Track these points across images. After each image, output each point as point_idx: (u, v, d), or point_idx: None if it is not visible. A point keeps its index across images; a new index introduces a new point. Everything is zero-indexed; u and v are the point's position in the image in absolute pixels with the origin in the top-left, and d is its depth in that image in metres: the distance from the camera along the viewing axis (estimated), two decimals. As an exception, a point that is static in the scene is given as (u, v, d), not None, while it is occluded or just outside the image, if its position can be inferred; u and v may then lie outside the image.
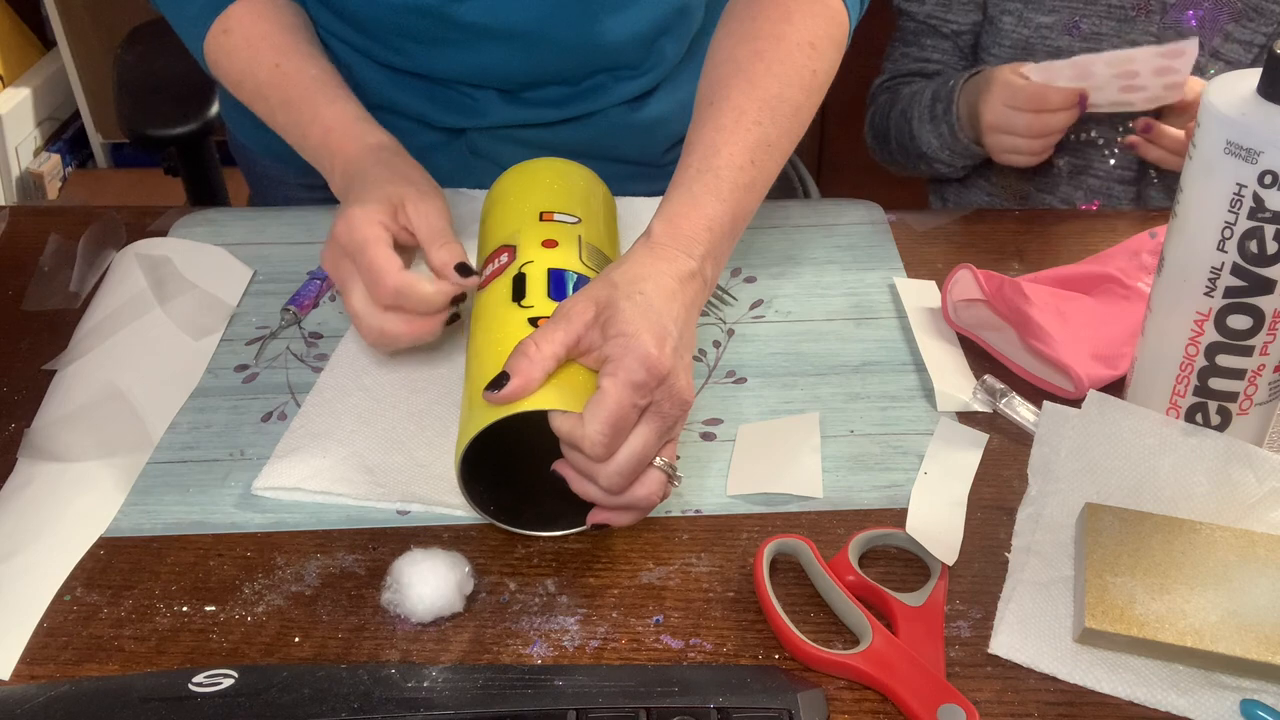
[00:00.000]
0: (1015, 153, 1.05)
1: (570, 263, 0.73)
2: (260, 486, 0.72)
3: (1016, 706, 0.59)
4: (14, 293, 0.90)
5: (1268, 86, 0.61)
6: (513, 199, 0.80)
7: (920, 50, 1.17)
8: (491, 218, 0.80)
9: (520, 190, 0.81)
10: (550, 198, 0.79)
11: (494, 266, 0.74)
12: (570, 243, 0.74)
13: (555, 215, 0.77)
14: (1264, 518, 0.67)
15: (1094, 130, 1.09)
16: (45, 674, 0.62)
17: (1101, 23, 1.06)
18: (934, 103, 1.11)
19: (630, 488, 0.63)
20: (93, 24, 2.28)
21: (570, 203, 0.79)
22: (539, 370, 0.63)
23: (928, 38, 1.16)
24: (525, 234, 0.75)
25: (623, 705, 0.56)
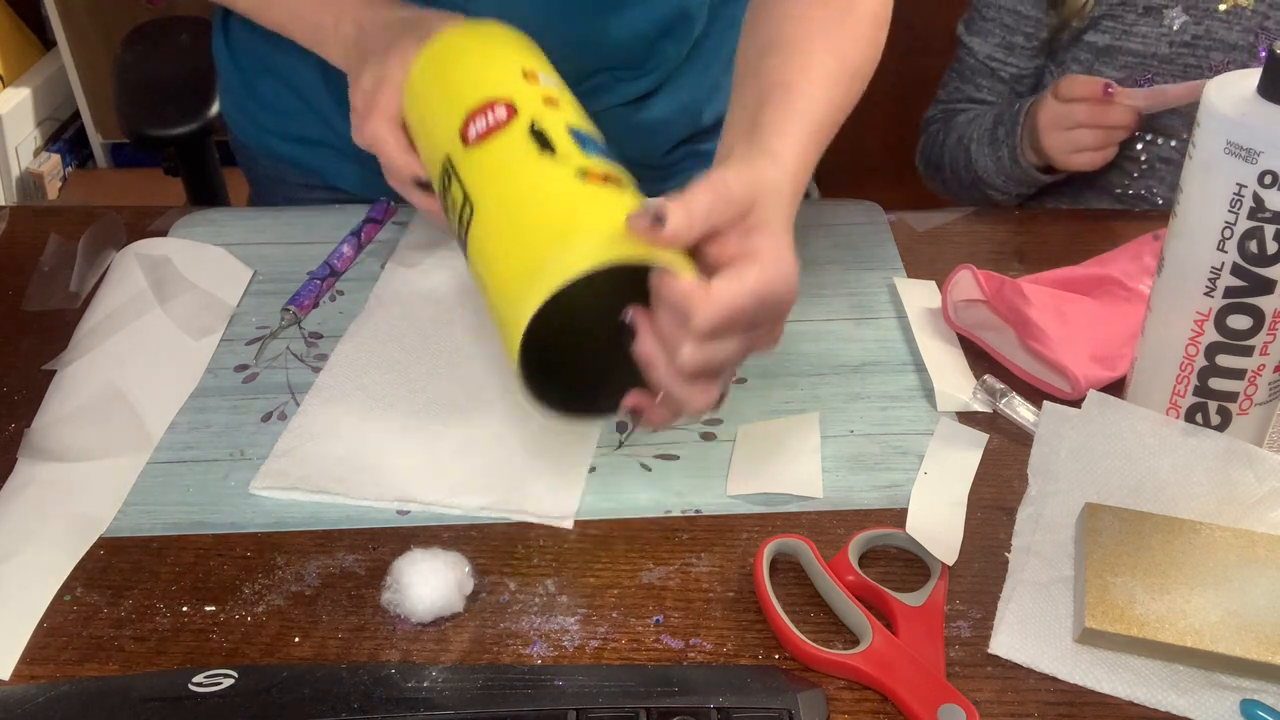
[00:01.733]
0: (1079, 150, 1.01)
1: (584, 125, 0.66)
2: (258, 486, 0.72)
3: (1016, 706, 0.59)
4: (14, 293, 0.90)
5: (1268, 86, 0.61)
6: (480, 56, 0.71)
7: (976, 90, 1.14)
8: (456, 72, 0.70)
9: (488, 47, 0.72)
10: (527, 58, 0.71)
11: (488, 121, 0.65)
12: (569, 104, 0.68)
13: (539, 76, 0.69)
14: (1264, 518, 0.67)
15: (1154, 188, 1.06)
16: (45, 674, 0.62)
17: (1176, 83, 1.01)
18: (995, 126, 1.08)
19: (692, 388, 0.60)
20: (93, 24, 2.28)
21: (545, 65, 0.72)
22: (697, 224, 0.57)
23: (984, 78, 1.13)
24: (519, 91, 0.67)
25: (623, 705, 0.56)
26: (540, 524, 0.69)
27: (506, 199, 0.62)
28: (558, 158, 0.62)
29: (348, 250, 0.91)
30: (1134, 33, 1.03)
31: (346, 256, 0.91)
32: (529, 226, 0.60)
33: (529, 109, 0.65)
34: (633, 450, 0.75)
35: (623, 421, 0.76)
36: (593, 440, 0.75)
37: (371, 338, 0.83)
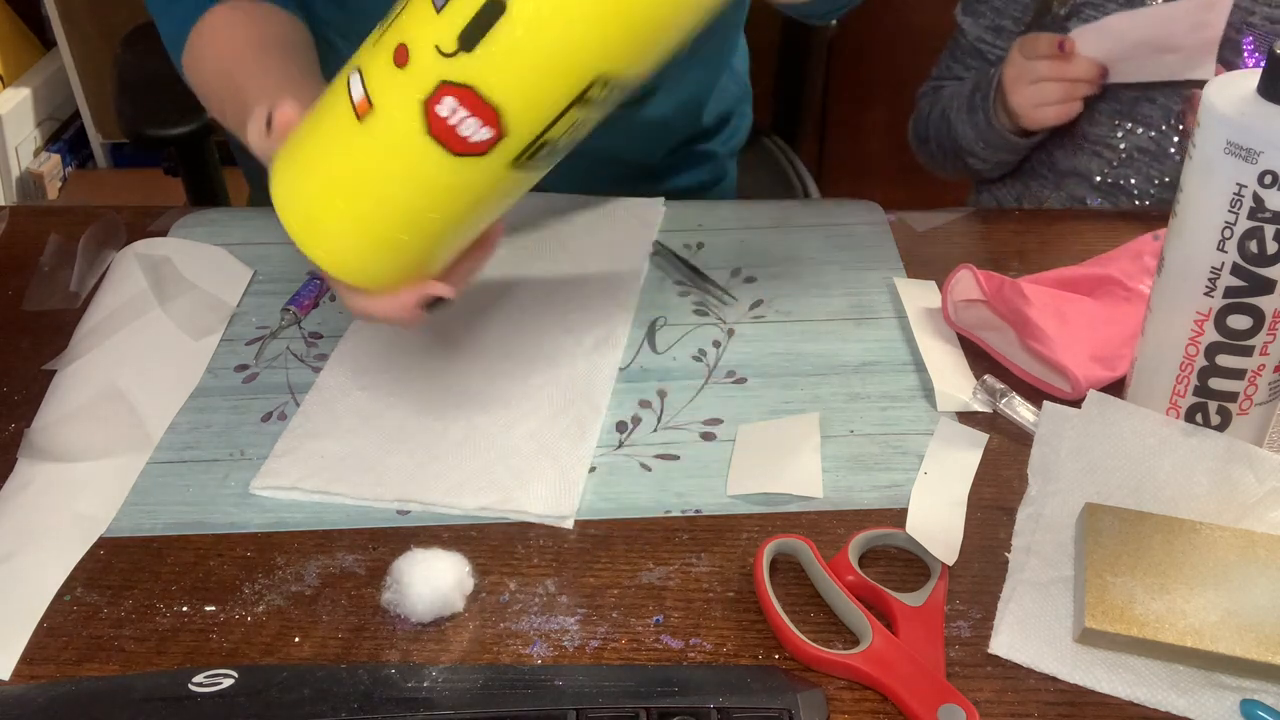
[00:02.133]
0: (1043, 103, 1.02)
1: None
2: (259, 486, 0.72)
3: (1016, 706, 0.59)
4: (14, 293, 0.90)
5: (1268, 86, 0.61)
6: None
7: (964, 69, 1.16)
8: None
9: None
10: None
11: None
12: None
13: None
14: (1264, 518, 0.67)
15: (1131, 178, 1.06)
16: (45, 674, 0.62)
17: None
18: (973, 93, 1.10)
19: None
20: (93, 24, 2.28)
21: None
22: None
23: (972, 58, 1.15)
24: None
25: (623, 705, 0.56)
26: (540, 524, 0.70)
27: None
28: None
29: (348, 250, 0.91)
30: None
31: (346, 256, 0.91)
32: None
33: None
34: (633, 450, 0.75)
35: (623, 421, 0.76)
36: (593, 440, 0.75)
37: (372, 338, 0.83)
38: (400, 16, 0.53)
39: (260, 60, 0.80)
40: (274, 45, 0.82)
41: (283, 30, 0.85)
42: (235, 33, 0.83)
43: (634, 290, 0.88)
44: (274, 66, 0.79)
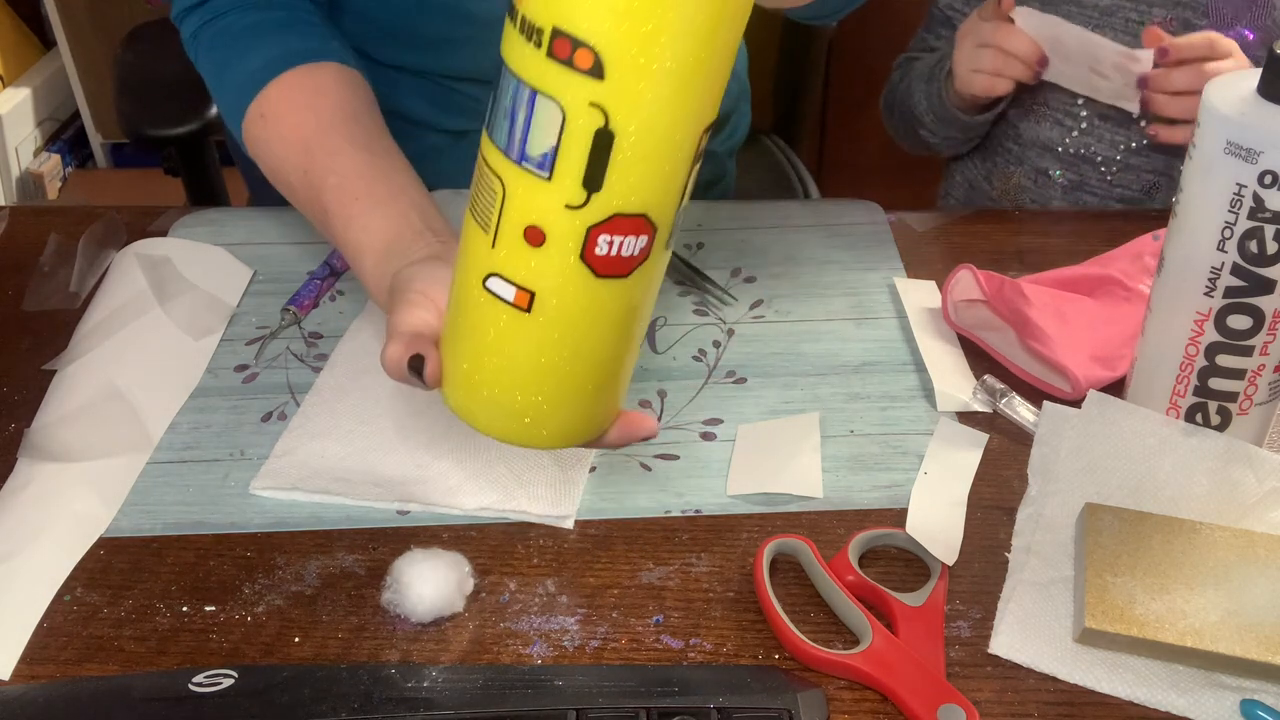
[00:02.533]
0: (977, 68, 1.02)
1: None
2: (259, 487, 0.72)
3: (1016, 706, 0.59)
4: (14, 293, 0.90)
5: (1268, 86, 0.61)
6: None
7: (935, 39, 1.18)
8: None
9: None
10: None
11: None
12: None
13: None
14: (1264, 518, 0.67)
15: (1093, 146, 1.07)
16: (45, 674, 0.62)
17: (1116, 36, 1.01)
18: (936, 65, 1.11)
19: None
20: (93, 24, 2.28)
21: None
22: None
23: (942, 27, 1.17)
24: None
25: (623, 705, 0.56)
26: (540, 524, 0.70)
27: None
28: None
29: (348, 250, 0.91)
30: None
31: (346, 256, 0.91)
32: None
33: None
34: (633, 450, 0.75)
35: None
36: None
37: (372, 338, 0.83)
38: (506, 209, 0.52)
39: (334, 160, 0.75)
40: (342, 129, 0.77)
41: (345, 102, 0.80)
42: (303, 118, 0.78)
43: None
44: (350, 167, 0.75)
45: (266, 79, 0.80)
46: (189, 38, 0.87)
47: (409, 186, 0.74)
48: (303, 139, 0.77)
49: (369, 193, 0.72)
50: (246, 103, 0.80)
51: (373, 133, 0.78)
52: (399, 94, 0.96)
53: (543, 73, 0.48)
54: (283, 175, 0.79)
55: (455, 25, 0.90)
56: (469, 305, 0.55)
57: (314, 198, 0.75)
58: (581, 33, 0.47)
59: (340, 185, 0.73)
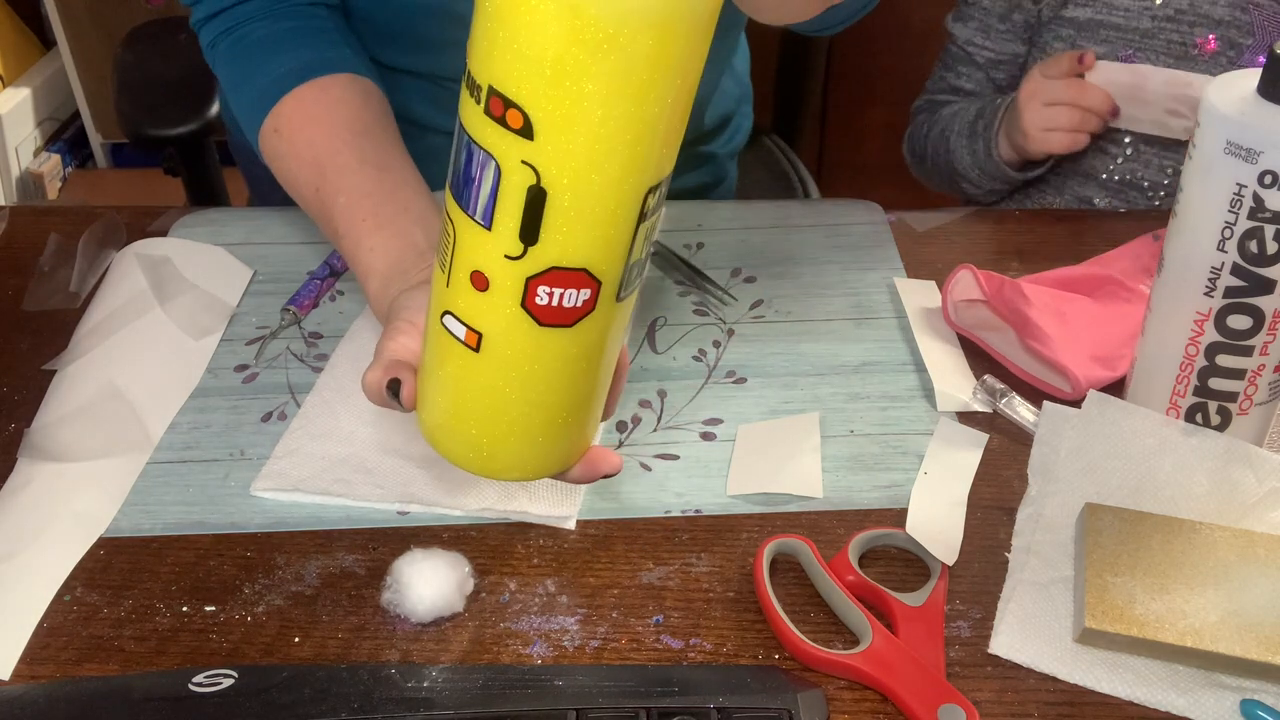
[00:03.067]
0: (1053, 127, 1.01)
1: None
2: (259, 488, 0.72)
3: (1016, 706, 0.59)
4: (14, 293, 0.90)
5: (1268, 86, 0.61)
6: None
7: (955, 77, 1.15)
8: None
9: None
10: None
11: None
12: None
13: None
14: (1264, 518, 0.67)
15: (1139, 171, 1.06)
16: (45, 674, 0.62)
17: (1158, 59, 1.01)
18: (976, 119, 1.09)
19: None
20: (93, 24, 2.28)
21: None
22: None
23: (963, 65, 1.14)
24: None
25: (623, 705, 0.56)
26: (540, 524, 0.70)
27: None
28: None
29: (348, 250, 0.91)
30: (1116, 5, 1.02)
31: (346, 256, 0.91)
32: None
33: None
34: (633, 450, 0.75)
35: (623, 421, 0.76)
36: (595, 440, 0.74)
37: (372, 339, 0.83)
38: (456, 253, 0.54)
39: (343, 178, 0.76)
40: (353, 145, 0.78)
41: (356, 116, 0.81)
42: (314, 134, 0.79)
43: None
44: (358, 185, 0.76)
45: (280, 93, 0.80)
46: (208, 46, 0.87)
47: (414, 203, 0.74)
48: (314, 157, 0.78)
49: (375, 213, 0.74)
50: (261, 118, 0.81)
51: (384, 146, 0.79)
52: (399, 95, 0.96)
53: (482, 128, 0.49)
54: (298, 191, 0.80)
55: (452, 27, 0.90)
56: (431, 338, 0.57)
57: (327, 216, 0.77)
58: (511, 93, 0.48)
59: (349, 206, 0.75)
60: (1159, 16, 1.00)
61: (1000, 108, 1.06)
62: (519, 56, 0.47)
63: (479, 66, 0.49)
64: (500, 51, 0.47)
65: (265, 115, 0.81)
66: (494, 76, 0.48)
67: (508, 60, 0.47)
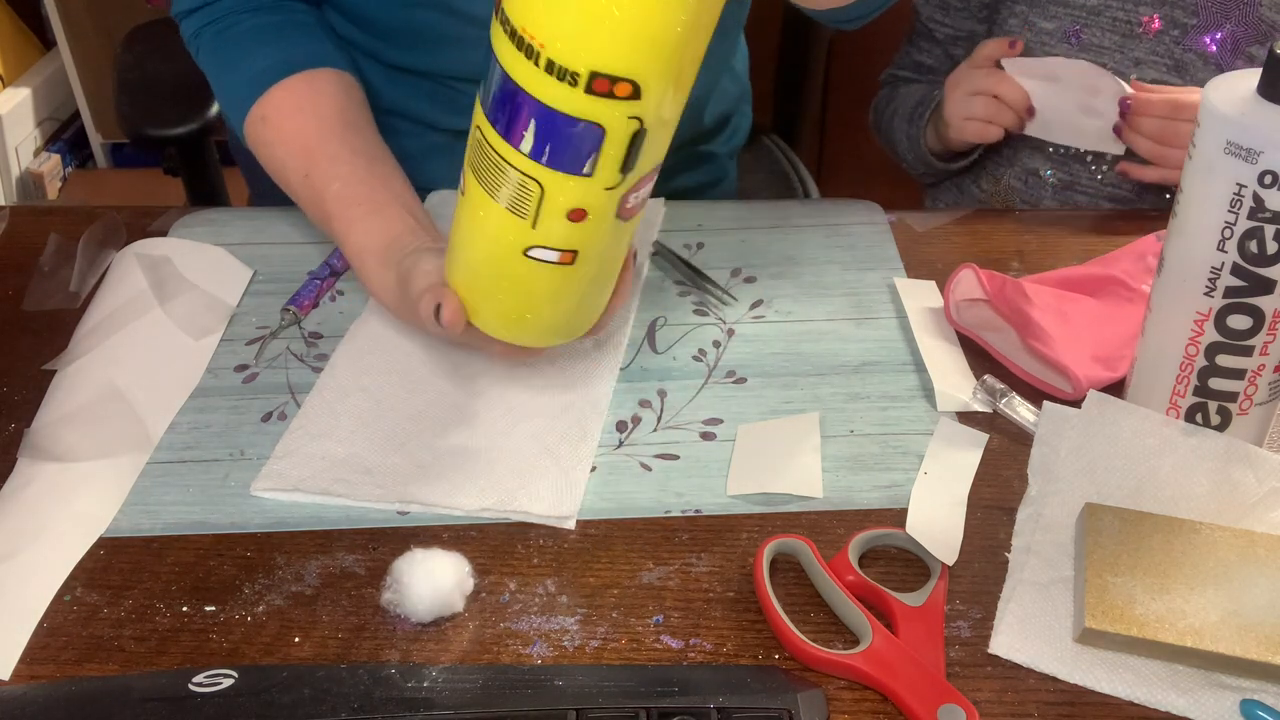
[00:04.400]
0: (970, 116, 1.04)
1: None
2: (260, 488, 0.72)
3: (1016, 706, 0.59)
4: (14, 293, 0.90)
5: (1268, 86, 0.61)
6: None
7: (917, 51, 1.19)
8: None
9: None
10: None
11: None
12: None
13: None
14: (1264, 518, 0.67)
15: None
16: (45, 674, 0.62)
17: (1104, 35, 1.03)
18: (917, 105, 1.14)
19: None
20: (93, 24, 2.28)
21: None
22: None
23: (924, 40, 1.18)
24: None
25: (623, 705, 0.56)
26: (540, 524, 0.70)
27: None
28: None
29: (348, 250, 0.91)
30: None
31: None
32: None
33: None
34: (633, 450, 0.75)
35: (623, 421, 0.76)
36: (594, 440, 0.75)
37: (372, 339, 0.83)
38: (546, 202, 0.62)
39: (335, 166, 0.82)
40: (342, 136, 0.84)
41: (343, 109, 0.86)
42: (304, 123, 0.84)
43: (634, 290, 0.88)
44: (352, 174, 0.81)
45: (269, 83, 0.85)
46: (190, 36, 0.91)
47: (402, 191, 0.81)
48: (304, 145, 0.83)
49: (370, 199, 0.80)
50: (249, 104, 0.85)
51: (369, 139, 0.85)
52: (399, 93, 0.96)
53: (582, 104, 0.57)
54: (284, 176, 0.85)
55: (448, 23, 0.90)
56: (508, 270, 0.66)
57: (316, 200, 0.81)
58: (620, 70, 0.56)
59: (342, 192, 0.80)
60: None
61: (938, 96, 1.10)
62: (629, 39, 0.56)
63: (573, 57, 0.56)
64: (604, 39, 0.55)
65: (253, 103, 0.85)
66: (597, 63, 0.56)
67: (615, 45, 0.56)
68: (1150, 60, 1.02)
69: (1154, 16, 1.01)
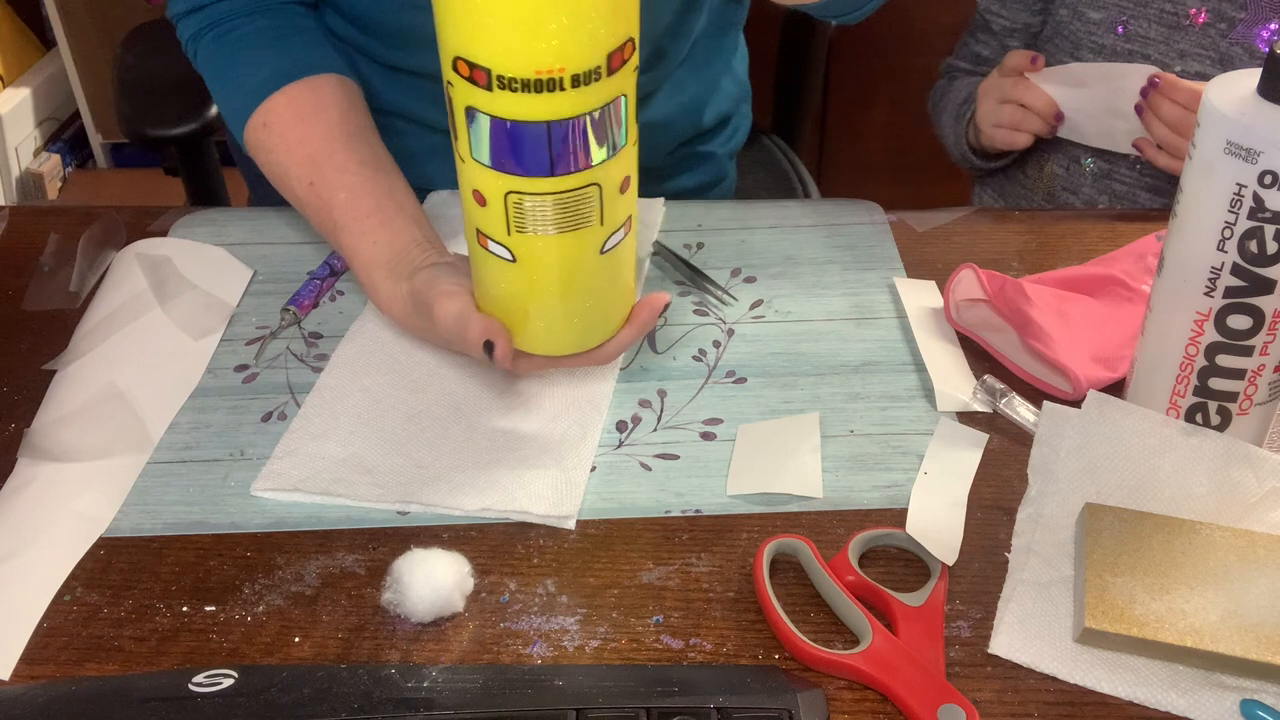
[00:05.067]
0: (998, 123, 1.07)
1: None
2: (260, 488, 0.72)
3: (1016, 706, 0.59)
4: (14, 293, 0.90)
5: (1268, 86, 0.61)
6: None
7: (975, 43, 1.21)
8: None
9: None
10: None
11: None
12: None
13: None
14: (1264, 518, 0.67)
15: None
16: (45, 674, 0.62)
17: (1150, 27, 1.04)
18: (962, 104, 1.16)
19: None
20: (93, 24, 2.28)
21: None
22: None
23: (981, 31, 1.20)
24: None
25: (623, 705, 0.56)
26: (540, 524, 0.70)
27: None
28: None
29: (348, 250, 0.91)
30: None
31: (346, 256, 0.91)
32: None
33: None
34: (633, 450, 0.75)
35: (623, 421, 0.76)
36: (594, 440, 0.75)
37: (372, 339, 0.83)
38: (605, 192, 0.65)
39: (342, 177, 0.81)
40: (348, 146, 0.83)
41: (347, 118, 0.85)
42: (308, 132, 0.83)
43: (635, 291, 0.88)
44: (359, 184, 0.81)
45: (270, 90, 0.84)
46: (188, 39, 0.90)
47: (408, 203, 0.80)
48: (309, 153, 0.82)
49: (377, 210, 0.79)
50: (250, 110, 0.84)
51: (375, 148, 0.84)
52: (398, 94, 0.96)
53: (610, 87, 0.61)
54: (286, 183, 0.84)
55: None
56: (583, 280, 0.67)
57: (322, 209, 0.81)
58: (625, 36, 0.61)
59: (350, 202, 0.79)
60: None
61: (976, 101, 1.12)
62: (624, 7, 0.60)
63: (593, 54, 0.59)
64: (618, 17, 0.60)
65: (254, 109, 0.84)
66: (610, 44, 0.60)
67: (622, 17, 0.60)
68: (1195, 53, 1.03)
69: (1201, 9, 1.02)
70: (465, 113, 0.61)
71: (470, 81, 0.59)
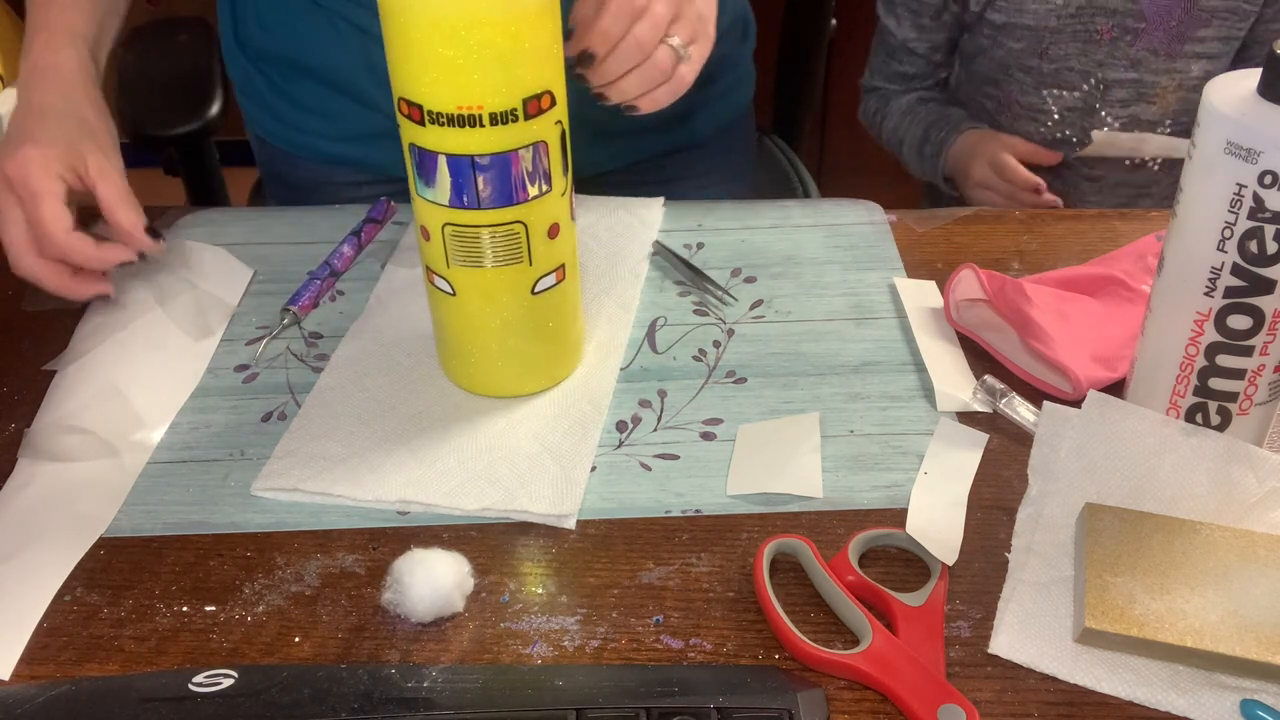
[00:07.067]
0: (989, 187, 1.19)
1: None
2: (260, 488, 0.72)
3: (1016, 706, 0.59)
4: (14, 293, 0.90)
5: (1268, 86, 0.61)
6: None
7: (899, 64, 1.28)
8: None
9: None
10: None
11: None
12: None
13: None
14: (1264, 518, 0.67)
15: (1066, 132, 1.21)
16: (45, 674, 0.62)
17: (1069, 45, 1.15)
18: (923, 144, 1.25)
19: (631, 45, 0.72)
20: (93, 24, 2.27)
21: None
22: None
23: (904, 54, 1.27)
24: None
25: (623, 705, 0.56)
26: (540, 524, 0.70)
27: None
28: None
29: (348, 250, 0.91)
30: (1026, 9, 1.15)
31: (346, 256, 0.91)
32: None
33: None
34: (633, 450, 0.75)
35: (623, 421, 0.76)
36: (595, 440, 0.75)
37: (372, 339, 0.83)
38: (532, 238, 0.71)
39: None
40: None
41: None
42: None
43: (634, 290, 0.88)
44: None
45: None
46: None
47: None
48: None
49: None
50: None
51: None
52: None
53: (524, 130, 0.67)
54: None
55: None
56: (525, 312, 0.74)
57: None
58: (539, 87, 0.67)
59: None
60: (1063, 15, 1.14)
61: (945, 144, 1.22)
62: (543, 58, 0.67)
63: (508, 96, 0.66)
64: (529, 66, 0.66)
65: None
66: (523, 90, 0.66)
67: (535, 69, 0.67)
68: (1110, 63, 1.16)
69: (1108, 25, 1.14)
70: (410, 150, 0.68)
71: (410, 119, 0.66)
